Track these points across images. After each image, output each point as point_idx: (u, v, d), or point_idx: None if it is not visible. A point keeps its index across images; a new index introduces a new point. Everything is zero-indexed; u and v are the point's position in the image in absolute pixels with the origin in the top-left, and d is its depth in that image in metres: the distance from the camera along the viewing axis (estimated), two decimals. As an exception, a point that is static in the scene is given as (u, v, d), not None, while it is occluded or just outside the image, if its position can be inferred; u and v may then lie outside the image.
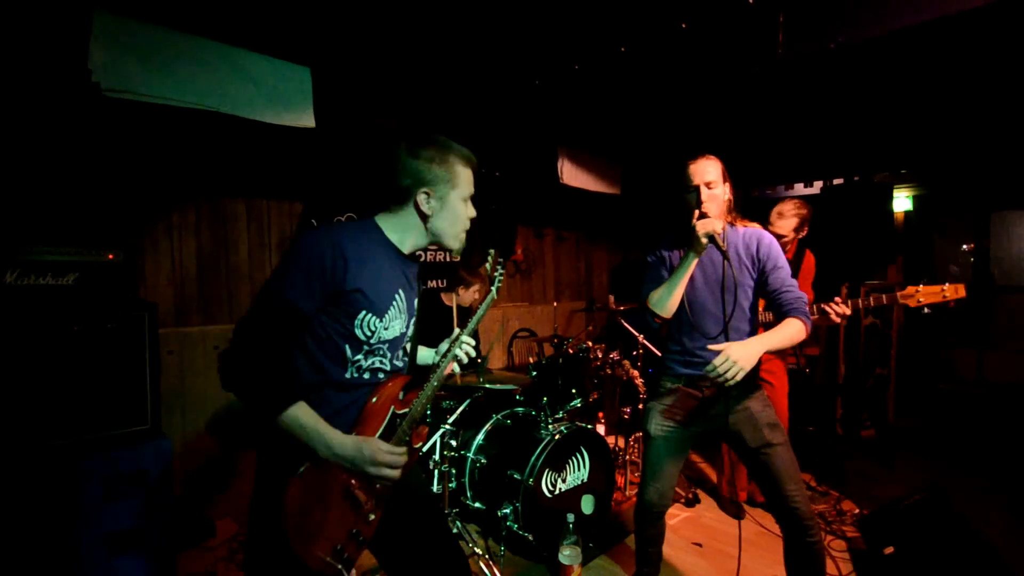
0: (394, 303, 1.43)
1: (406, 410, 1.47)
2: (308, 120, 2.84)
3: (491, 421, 3.05)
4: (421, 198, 1.42)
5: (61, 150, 2.53)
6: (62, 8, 2.15)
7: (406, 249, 1.49)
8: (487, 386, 3.06)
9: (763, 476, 1.97)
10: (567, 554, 2.15)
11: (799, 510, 1.88)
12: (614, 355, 3.54)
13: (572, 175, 4.43)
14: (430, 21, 2.54)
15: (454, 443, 2.82)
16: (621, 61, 2.85)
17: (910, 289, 2.26)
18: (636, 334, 3.89)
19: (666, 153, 4.82)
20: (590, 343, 3.38)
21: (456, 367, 1.59)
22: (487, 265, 1.73)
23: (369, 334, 1.37)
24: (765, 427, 1.95)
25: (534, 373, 3.04)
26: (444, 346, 1.68)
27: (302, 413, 1.27)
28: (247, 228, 3.25)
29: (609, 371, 3.54)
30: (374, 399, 1.41)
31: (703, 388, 2.01)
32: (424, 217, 1.45)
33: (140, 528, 2.18)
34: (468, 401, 2.95)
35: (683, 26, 2.52)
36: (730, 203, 2.02)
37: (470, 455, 2.93)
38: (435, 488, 2.86)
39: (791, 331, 1.82)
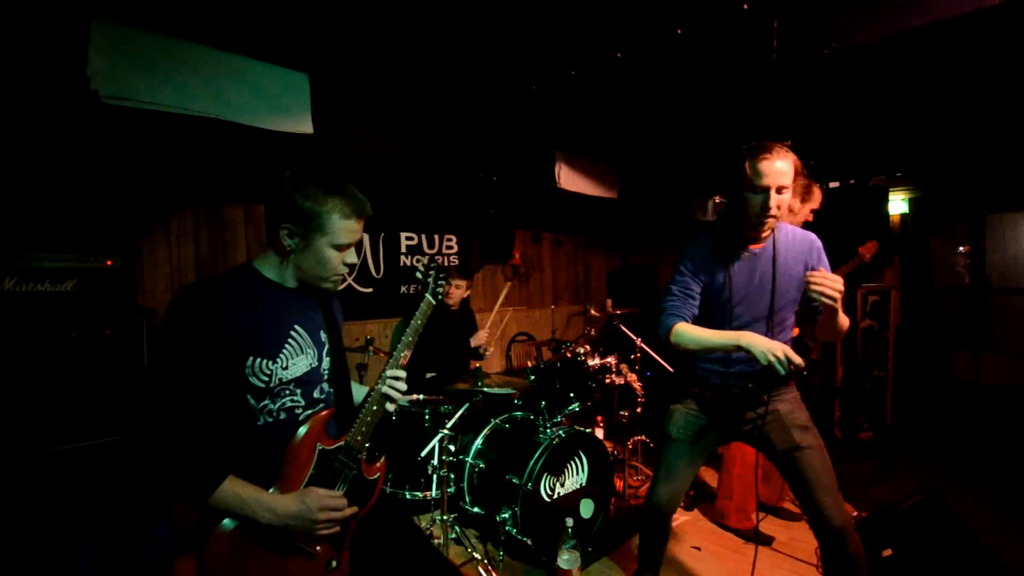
0: (290, 342, 1.37)
1: (340, 443, 1.39)
2: (306, 126, 2.85)
3: (489, 425, 3.05)
4: (282, 233, 1.33)
5: (60, 157, 2.54)
6: (61, 16, 2.16)
7: (292, 284, 1.41)
8: (485, 390, 3.06)
9: (793, 481, 1.91)
10: (566, 558, 2.15)
11: (831, 521, 1.81)
12: (612, 359, 3.55)
13: (569, 179, 4.45)
14: (428, 27, 2.56)
15: (452, 448, 2.82)
16: (617, 67, 2.87)
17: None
18: (634, 338, 3.90)
19: (663, 158, 4.84)
20: (588, 347, 3.39)
21: (390, 406, 1.49)
22: (419, 273, 1.63)
23: (265, 379, 1.30)
24: (795, 429, 1.88)
25: (532, 377, 3.05)
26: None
27: (235, 487, 1.21)
28: (245, 233, 3.26)
29: (607, 375, 3.55)
30: (294, 440, 1.33)
31: (733, 392, 1.93)
32: (286, 251, 1.36)
33: (137, 534, 2.17)
34: (466, 405, 2.95)
35: (678, 32, 2.54)
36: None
37: (468, 459, 2.93)
38: (434, 493, 2.86)
39: (844, 317, 1.81)
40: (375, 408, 1.45)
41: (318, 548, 1.33)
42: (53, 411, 2.06)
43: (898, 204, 5.92)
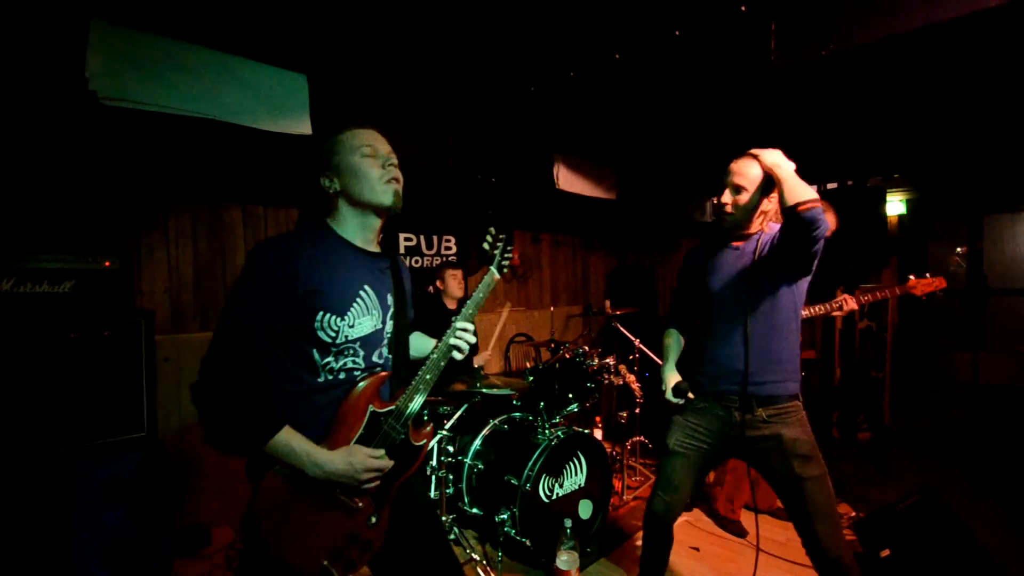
0: (359, 300, 1.40)
1: (391, 407, 1.43)
2: (304, 127, 2.85)
3: (488, 426, 3.05)
4: (323, 182, 1.44)
5: (58, 158, 2.53)
6: (59, 16, 2.16)
7: (361, 243, 1.47)
8: (484, 391, 3.06)
9: (790, 507, 1.88)
10: (564, 559, 2.15)
11: (828, 552, 1.77)
12: (611, 359, 3.56)
13: (568, 180, 4.45)
14: (426, 28, 2.56)
15: (451, 448, 2.82)
16: (616, 68, 2.88)
17: (912, 281, 2.68)
18: (632, 338, 3.90)
19: (661, 159, 4.85)
20: (586, 347, 3.39)
21: (458, 355, 1.52)
22: (486, 244, 1.64)
23: (333, 334, 1.34)
24: (795, 459, 1.82)
25: (531, 378, 3.05)
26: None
27: (290, 438, 1.27)
28: (243, 235, 3.25)
29: (606, 376, 3.55)
30: (347, 400, 1.37)
31: (732, 409, 1.92)
32: (336, 197, 1.44)
33: (136, 536, 2.17)
34: (465, 406, 2.96)
35: (676, 33, 2.54)
36: (772, 212, 1.92)
37: (467, 460, 2.93)
38: (432, 494, 2.86)
39: (791, 183, 1.70)
40: (439, 362, 1.48)
41: (360, 504, 1.38)
42: (51, 412, 2.05)
43: (896, 205, 5.93)
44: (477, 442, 2.99)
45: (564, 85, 3.11)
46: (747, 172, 1.89)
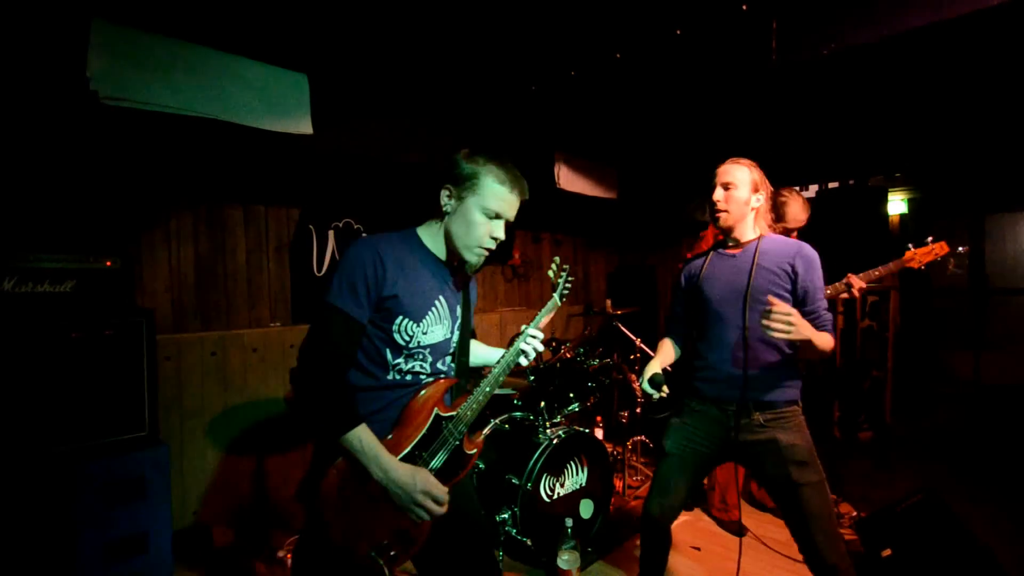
0: (433, 309, 1.47)
1: (453, 413, 1.49)
2: (306, 127, 2.85)
3: (489, 426, 3.05)
4: (444, 193, 1.48)
5: (59, 157, 2.54)
6: (60, 16, 2.16)
7: (444, 256, 1.54)
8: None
9: (786, 513, 1.87)
10: (565, 559, 2.15)
11: (826, 560, 1.76)
12: (612, 359, 3.55)
13: (569, 180, 4.45)
14: (427, 28, 2.56)
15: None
16: (617, 67, 2.88)
17: (908, 254, 2.66)
18: (634, 338, 3.90)
19: (662, 158, 4.85)
20: (587, 347, 3.39)
21: (524, 360, 1.60)
22: (551, 271, 1.74)
23: (407, 338, 1.42)
24: (792, 465, 1.81)
25: (532, 378, 3.05)
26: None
27: (364, 436, 1.32)
28: (244, 234, 3.25)
29: (606, 375, 3.55)
30: (415, 400, 1.44)
31: (730, 413, 1.92)
32: (444, 214, 1.49)
33: (138, 535, 2.17)
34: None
35: (677, 32, 2.54)
36: (761, 212, 2.01)
37: (468, 460, 2.93)
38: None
39: (825, 339, 1.77)
40: (499, 377, 1.54)
41: None
42: (53, 411, 2.06)
43: (897, 204, 5.92)
44: (478, 441, 2.99)
45: (565, 84, 3.11)
46: (734, 172, 2.00)
